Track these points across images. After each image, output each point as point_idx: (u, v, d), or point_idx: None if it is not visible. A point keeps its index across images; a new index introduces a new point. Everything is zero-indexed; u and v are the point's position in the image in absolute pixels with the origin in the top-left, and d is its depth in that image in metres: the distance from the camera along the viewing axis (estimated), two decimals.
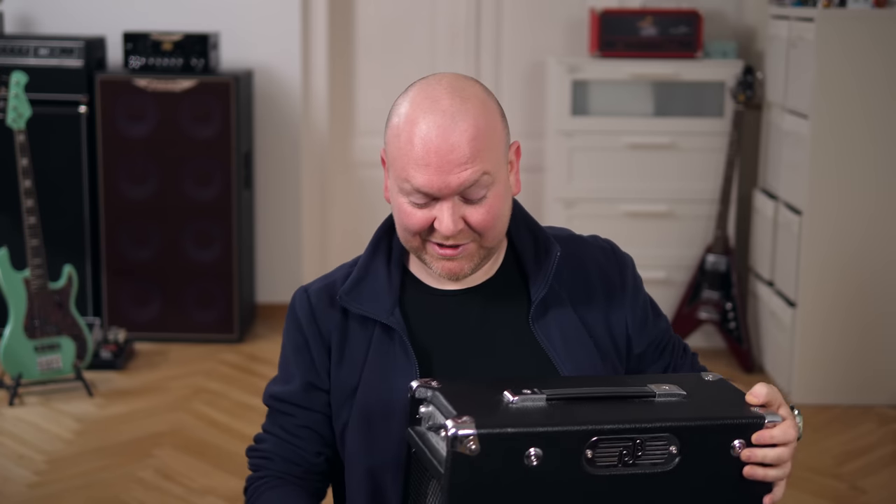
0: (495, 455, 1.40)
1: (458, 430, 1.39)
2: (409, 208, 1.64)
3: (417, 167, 1.59)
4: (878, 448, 4.01)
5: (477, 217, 1.63)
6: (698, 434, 1.47)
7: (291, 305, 1.78)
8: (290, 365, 1.78)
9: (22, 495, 3.53)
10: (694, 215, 4.98)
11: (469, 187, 1.60)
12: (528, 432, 1.41)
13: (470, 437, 1.39)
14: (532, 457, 1.41)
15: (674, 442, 1.45)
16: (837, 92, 4.24)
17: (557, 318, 1.73)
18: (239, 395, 4.38)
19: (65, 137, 4.82)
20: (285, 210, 5.29)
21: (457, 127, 1.59)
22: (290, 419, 1.76)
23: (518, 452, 1.40)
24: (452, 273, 1.67)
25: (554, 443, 1.41)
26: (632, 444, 1.44)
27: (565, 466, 1.42)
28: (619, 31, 5.00)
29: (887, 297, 4.33)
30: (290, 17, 5.16)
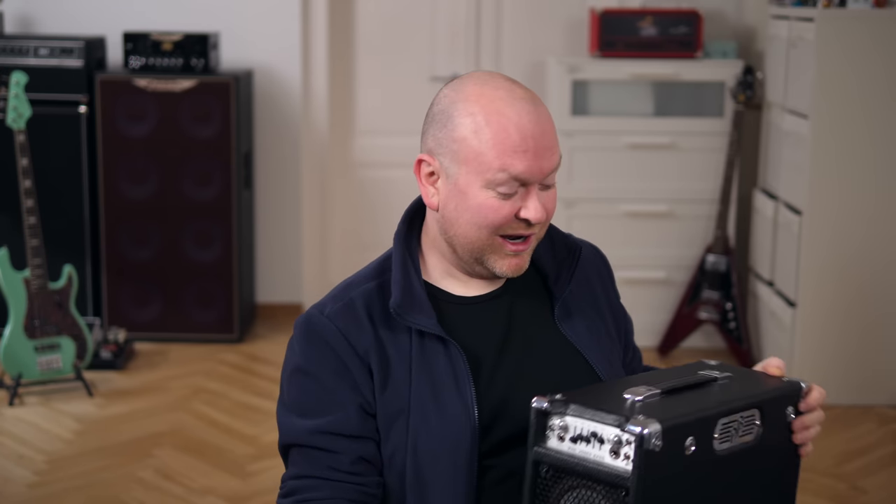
0: (667, 450, 1.44)
1: (646, 427, 1.42)
2: (495, 202, 1.62)
3: (516, 154, 1.60)
4: (878, 448, 4.01)
5: (551, 203, 1.66)
6: (771, 405, 1.58)
7: (312, 331, 1.67)
8: (324, 393, 1.64)
9: (22, 495, 3.53)
10: (694, 215, 4.98)
11: (551, 172, 1.63)
12: (686, 423, 1.47)
13: (656, 434, 1.42)
14: (689, 445, 1.47)
15: (757, 415, 1.56)
16: (837, 92, 4.24)
17: (579, 314, 1.76)
18: (239, 395, 4.38)
19: (65, 137, 4.82)
20: (285, 210, 5.29)
21: (541, 113, 1.62)
22: (340, 457, 1.62)
23: (679, 443, 1.46)
24: (519, 268, 1.67)
25: (699, 428, 1.48)
26: (737, 421, 1.53)
27: (704, 449, 1.49)
28: (619, 31, 5.00)
29: (887, 297, 4.33)
30: (289, 17, 5.16)
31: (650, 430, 1.42)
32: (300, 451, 1.65)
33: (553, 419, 1.51)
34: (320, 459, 1.63)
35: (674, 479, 1.47)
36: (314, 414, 1.64)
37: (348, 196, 5.48)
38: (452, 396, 1.64)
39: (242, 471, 3.71)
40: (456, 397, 1.64)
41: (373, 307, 1.68)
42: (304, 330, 1.68)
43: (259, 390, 4.42)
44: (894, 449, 4.00)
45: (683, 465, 1.47)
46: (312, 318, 1.68)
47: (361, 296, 1.69)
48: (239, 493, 3.55)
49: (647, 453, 1.42)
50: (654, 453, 1.42)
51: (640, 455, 1.42)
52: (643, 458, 1.42)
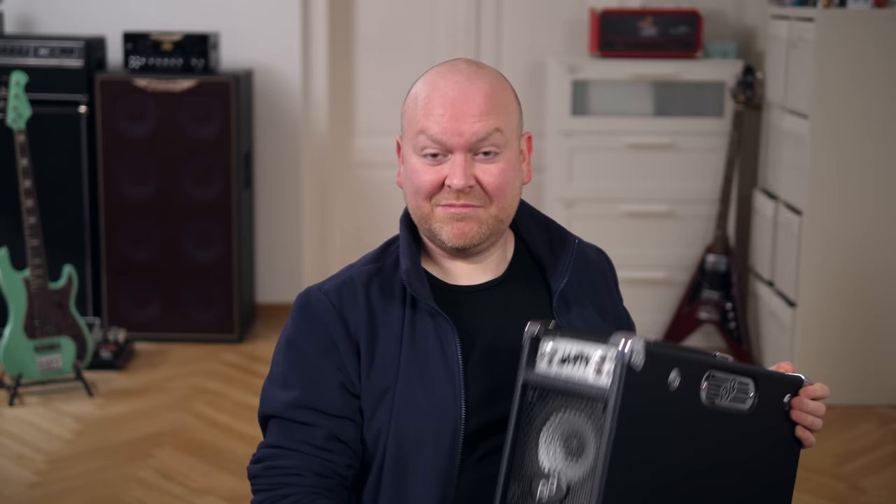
0: (651, 374, 1.47)
1: (629, 343, 1.45)
2: (423, 167, 1.67)
3: (432, 117, 1.66)
4: (878, 448, 4.01)
5: (488, 177, 1.67)
6: (768, 381, 1.63)
7: (306, 306, 1.72)
8: (309, 368, 1.68)
9: (22, 495, 3.53)
10: (694, 215, 4.98)
11: (481, 140, 1.65)
12: (674, 355, 1.51)
13: (638, 351, 1.45)
14: (673, 381, 1.50)
15: (752, 386, 1.60)
16: (837, 92, 4.24)
17: (578, 308, 1.77)
18: (239, 395, 4.38)
19: (65, 137, 4.82)
20: (285, 210, 5.29)
21: (473, 83, 1.67)
22: (314, 430, 1.66)
23: (663, 374, 1.49)
24: (462, 234, 1.68)
25: (686, 368, 1.51)
26: (729, 383, 1.57)
27: (689, 392, 1.52)
28: (619, 31, 5.00)
29: (887, 297, 4.33)
30: (290, 17, 5.16)
31: (633, 346, 1.45)
32: (277, 423, 1.69)
33: (544, 344, 1.55)
34: (295, 432, 1.67)
35: (655, 408, 1.49)
36: (296, 387, 1.68)
37: (348, 196, 5.48)
38: (441, 377, 1.66)
39: (242, 471, 3.70)
40: (444, 379, 1.66)
41: (371, 286, 1.72)
42: (299, 304, 1.73)
43: (259, 390, 4.41)
44: (894, 449, 4.00)
45: (666, 399, 1.49)
46: (310, 293, 1.73)
47: (360, 275, 1.74)
48: (239, 493, 3.55)
49: (628, 368, 1.45)
50: (634, 371, 1.45)
51: (620, 368, 1.45)
52: (624, 372, 1.45)
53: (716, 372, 1.55)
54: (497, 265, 1.77)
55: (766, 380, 1.62)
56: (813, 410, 1.69)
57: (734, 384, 1.58)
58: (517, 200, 1.74)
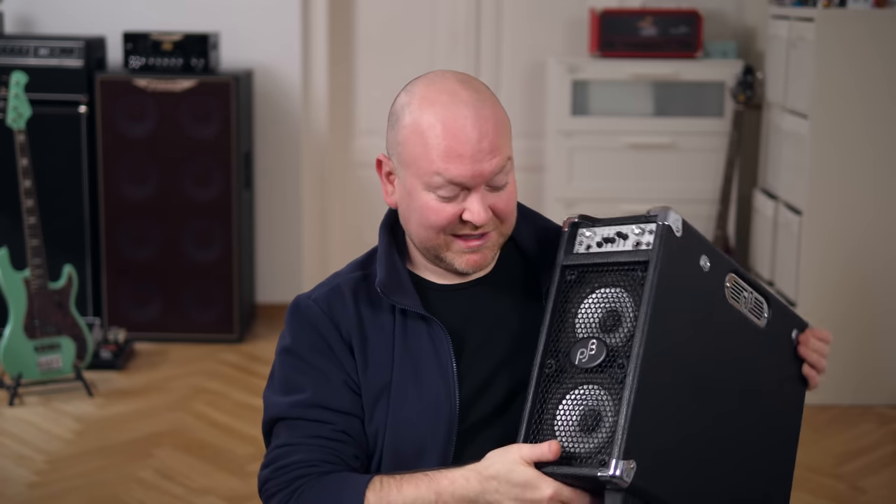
0: (685, 249, 1.55)
1: (669, 212, 1.54)
2: (437, 204, 1.65)
3: (450, 159, 1.62)
4: (878, 448, 4.01)
5: (502, 204, 1.67)
6: (779, 309, 1.72)
7: (298, 314, 1.73)
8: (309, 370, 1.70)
9: (22, 495, 3.53)
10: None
11: (497, 174, 1.64)
12: (705, 241, 1.60)
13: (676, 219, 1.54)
14: (705, 263, 1.58)
15: (766, 306, 1.69)
16: (837, 92, 4.24)
17: None
18: (239, 395, 4.38)
19: (65, 137, 4.82)
20: (285, 210, 5.28)
21: (481, 116, 1.62)
22: (323, 426, 1.67)
23: (697, 256, 1.57)
24: (478, 265, 1.69)
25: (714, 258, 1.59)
26: (747, 293, 1.66)
27: (714, 283, 1.59)
28: (619, 31, 5.00)
29: (887, 297, 4.33)
30: (290, 17, 5.16)
31: (673, 216, 1.54)
32: (284, 424, 1.69)
33: (583, 230, 1.61)
34: (303, 429, 1.67)
35: (688, 284, 1.56)
36: (300, 390, 1.69)
37: (348, 196, 5.48)
38: (434, 376, 1.68)
39: (242, 471, 3.71)
40: (438, 376, 1.68)
41: (358, 292, 1.74)
42: (291, 313, 1.75)
43: (259, 390, 4.41)
44: (894, 449, 4.00)
45: (698, 279, 1.57)
46: (300, 301, 1.75)
47: (347, 282, 1.75)
48: (239, 493, 3.55)
49: (668, 232, 1.53)
50: (674, 237, 1.53)
51: (662, 231, 1.53)
52: (664, 235, 1.52)
53: (737, 277, 1.63)
54: None
55: (777, 305, 1.70)
56: (818, 349, 1.78)
57: (752, 297, 1.66)
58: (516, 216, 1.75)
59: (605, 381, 1.51)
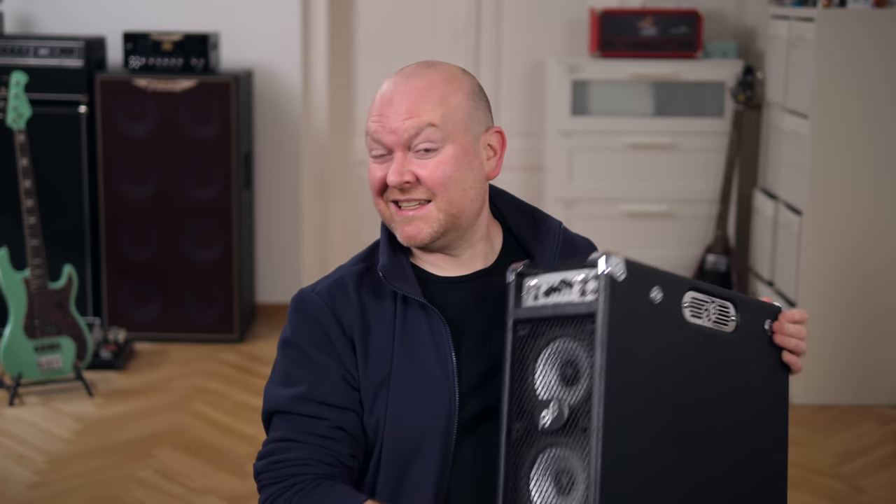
0: (632, 287, 1.51)
1: (609, 256, 1.50)
2: (372, 166, 1.72)
3: (373, 118, 1.71)
4: (878, 448, 4.00)
5: (424, 171, 1.68)
6: (747, 305, 1.67)
7: (299, 306, 1.75)
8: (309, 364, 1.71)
9: (22, 495, 3.53)
10: (694, 215, 4.98)
11: (413, 136, 1.68)
12: (653, 271, 1.55)
13: (617, 263, 1.50)
14: (656, 296, 1.54)
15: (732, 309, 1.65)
16: (837, 92, 4.25)
17: None
18: (239, 395, 4.38)
19: (65, 137, 4.82)
20: (285, 210, 5.29)
21: (410, 83, 1.70)
22: (319, 423, 1.68)
23: (646, 289, 1.53)
24: (410, 236, 1.71)
25: (666, 284, 1.56)
26: (710, 305, 1.62)
27: (671, 308, 1.56)
28: (619, 31, 5.00)
29: (887, 296, 4.33)
30: (290, 17, 5.16)
31: (613, 260, 1.50)
32: (282, 417, 1.71)
33: (528, 280, 1.59)
34: (300, 424, 1.69)
35: (642, 322, 1.53)
36: (298, 382, 1.71)
37: (348, 196, 5.48)
38: (434, 367, 1.69)
39: (242, 471, 3.71)
40: (437, 368, 1.69)
41: (361, 282, 1.76)
42: (294, 305, 1.76)
43: (259, 390, 4.41)
44: (894, 449, 4.00)
45: (652, 313, 1.53)
46: (303, 294, 1.77)
47: (351, 275, 1.77)
48: (239, 493, 3.55)
49: (611, 280, 1.49)
50: (618, 283, 1.50)
51: (604, 282, 1.49)
52: (607, 284, 1.49)
53: (695, 293, 1.59)
54: (484, 256, 1.79)
55: (744, 303, 1.66)
56: (794, 333, 1.70)
57: (715, 307, 1.62)
58: (470, 195, 1.72)
59: (572, 443, 1.51)
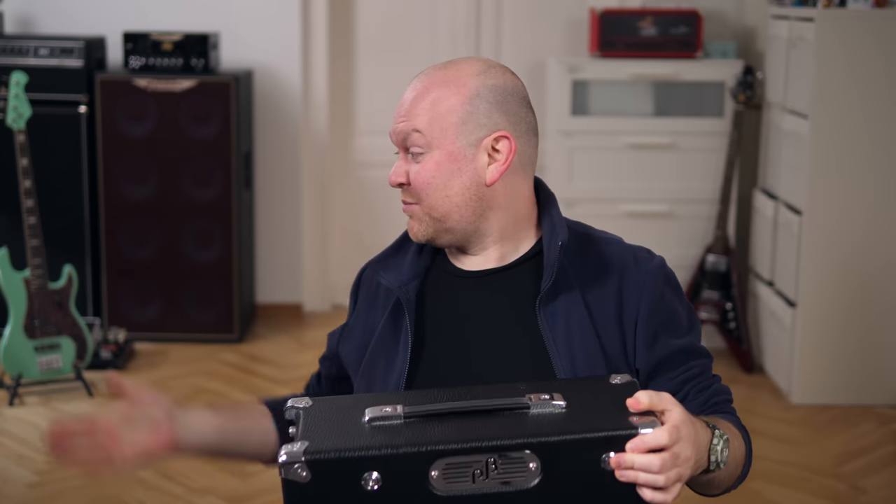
0: (329, 481, 1.35)
1: (287, 457, 1.36)
2: None
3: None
4: (878, 448, 4.00)
5: (412, 175, 1.72)
6: (561, 449, 1.37)
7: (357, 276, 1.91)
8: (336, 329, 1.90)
9: (22, 495, 3.53)
10: (694, 215, 4.98)
11: (403, 139, 1.72)
12: (359, 456, 1.35)
13: (297, 465, 1.35)
14: (370, 481, 1.36)
15: (533, 459, 1.37)
16: (837, 92, 4.24)
17: (565, 312, 1.68)
18: (239, 395, 4.38)
19: (65, 137, 4.82)
20: (285, 210, 5.28)
21: (415, 84, 1.76)
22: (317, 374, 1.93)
23: (354, 477, 1.36)
24: (412, 233, 1.75)
25: (393, 465, 1.36)
26: (484, 462, 1.37)
27: (410, 488, 1.36)
28: (619, 31, 5.00)
29: (887, 296, 4.33)
30: (290, 17, 5.16)
31: (289, 460, 1.35)
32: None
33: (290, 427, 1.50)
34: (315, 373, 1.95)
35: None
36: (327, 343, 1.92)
37: (348, 196, 5.48)
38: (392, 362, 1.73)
39: (242, 471, 3.71)
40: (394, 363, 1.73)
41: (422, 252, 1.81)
42: None
43: (259, 390, 4.41)
44: (894, 449, 4.00)
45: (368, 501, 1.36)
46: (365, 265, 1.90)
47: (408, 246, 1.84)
48: (239, 493, 3.55)
49: (288, 484, 1.36)
50: (297, 484, 1.36)
51: (284, 484, 1.36)
52: (285, 486, 1.36)
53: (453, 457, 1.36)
54: (504, 256, 1.76)
55: (549, 448, 1.37)
56: (643, 466, 1.36)
57: (493, 462, 1.36)
58: (455, 201, 1.69)
59: None
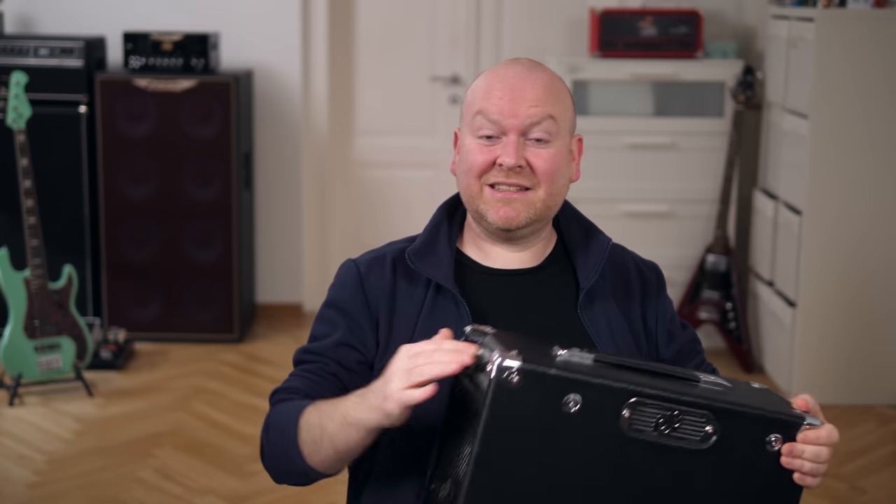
0: (535, 393, 1.42)
1: (504, 360, 1.41)
2: (477, 146, 1.74)
3: (491, 98, 1.73)
4: (878, 448, 4.01)
5: (538, 160, 1.72)
6: (737, 419, 1.48)
7: (339, 273, 1.82)
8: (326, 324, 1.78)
9: (22, 495, 3.53)
10: (694, 215, 4.98)
11: (535, 124, 1.72)
12: (569, 378, 1.43)
13: (514, 369, 1.41)
14: (571, 403, 1.44)
15: (711, 422, 1.47)
16: (837, 92, 4.24)
17: (604, 310, 1.79)
18: (239, 395, 4.38)
19: (65, 137, 4.82)
20: (285, 210, 5.29)
21: (532, 73, 1.76)
22: (316, 366, 1.75)
23: (557, 396, 1.43)
24: (508, 218, 1.73)
25: (594, 394, 1.44)
26: (669, 414, 1.46)
27: (601, 421, 1.45)
28: (619, 31, 5.00)
29: (887, 297, 4.33)
30: (289, 17, 5.16)
31: (507, 364, 1.41)
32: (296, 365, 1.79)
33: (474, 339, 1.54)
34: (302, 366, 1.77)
35: (546, 430, 1.44)
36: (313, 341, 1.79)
37: (348, 196, 5.48)
38: None
39: (242, 471, 3.71)
40: None
41: (398, 262, 1.79)
42: (339, 269, 1.84)
43: (259, 390, 4.42)
44: (894, 449, 4.00)
45: (558, 421, 1.44)
46: (347, 261, 1.84)
47: (392, 252, 1.82)
48: (239, 493, 3.55)
49: (498, 385, 1.42)
50: (508, 390, 1.42)
51: (491, 384, 1.42)
52: (495, 388, 1.42)
53: (641, 399, 1.45)
54: (536, 255, 1.81)
55: (736, 417, 1.47)
56: (812, 457, 1.49)
57: (677, 416, 1.46)
58: (565, 191, 1.79)
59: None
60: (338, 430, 1.57)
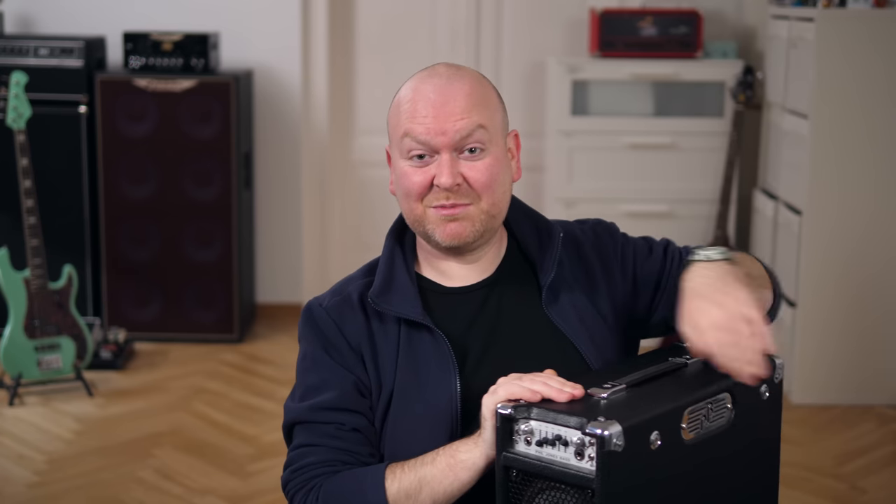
0: (630, 449, 1.46)
1: (606, 429, 1.44)
2: (411, 169, 1.70)
3: (416, 119, 1.69)
4: (878, 448, 4.00)
5: (475, 173, 1.69)
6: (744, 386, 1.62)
7: (310, 320, 1.77)
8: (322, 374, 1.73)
9: (22, 495, 3.53)
10: (694, 215, 4.98)
11: (465, 137, 1.68)
12: (649, 419, 1.49)
13: (616, 435, 1.44)
14: (654, 440, 1.49)
15: (729, 399, 1.61)
16: (837, 92, 4.24)
17: (570, 300, 1.77)
18: (239, 395, 4.38)
19: (65, 137, 4.82)
20: (285, 210, 5.29)
21: (453, 85, 1.70)
22: (335, 427, 1.70)
23: (643, 439, 1.48)
24: (455, 235, 1.70)
25: (664, 423, 1.51)
26: (706, 408, 1.58)
27: (671, 443, 1.52)
28: (619, 31, 5.00)
29: (887, 297, 4.33)
30: (290, 17, 5.16)
31: (611, 432, 1.44)
32: (301, 427, 1.73)
33: (518, 424, 1.53)
34: (317, 430, 1.71)
35: (642, 474, 1.49)
36: (314, 394, 1.73)
37: (348, 196, 5.48)
38: (436, 386, 1.69)
39: (242, 471, 3.71)
40: (440, 387, 1.69)
41: (366, 302, 1.76)
42: (304, 318, 1.78)
43: (259, 390, 4.42)
44: (894, 449, 4.00)
45: (651, 460, 1.50)
46: (312, 308, 1.78)
47: (356, 290, 1.77)
48: (239, 493, 3.55)
49: (608, 454, 1.44)
50: (616, 454, 1.45)
51: (602, 457, 1.44)
52: (606, 459, 1.44)
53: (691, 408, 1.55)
54: (491, 262, 1.80)
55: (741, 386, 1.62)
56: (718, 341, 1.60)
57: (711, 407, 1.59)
58: (508, 197, 1.75)
59: None
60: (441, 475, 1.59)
